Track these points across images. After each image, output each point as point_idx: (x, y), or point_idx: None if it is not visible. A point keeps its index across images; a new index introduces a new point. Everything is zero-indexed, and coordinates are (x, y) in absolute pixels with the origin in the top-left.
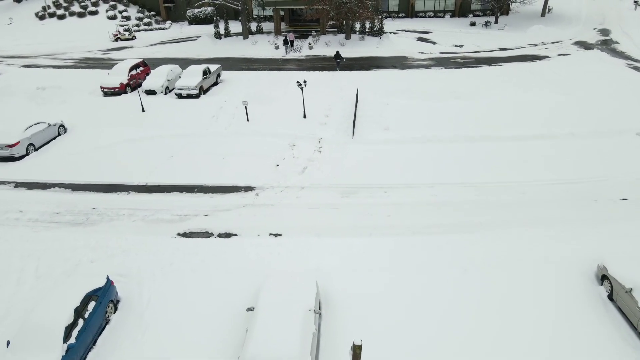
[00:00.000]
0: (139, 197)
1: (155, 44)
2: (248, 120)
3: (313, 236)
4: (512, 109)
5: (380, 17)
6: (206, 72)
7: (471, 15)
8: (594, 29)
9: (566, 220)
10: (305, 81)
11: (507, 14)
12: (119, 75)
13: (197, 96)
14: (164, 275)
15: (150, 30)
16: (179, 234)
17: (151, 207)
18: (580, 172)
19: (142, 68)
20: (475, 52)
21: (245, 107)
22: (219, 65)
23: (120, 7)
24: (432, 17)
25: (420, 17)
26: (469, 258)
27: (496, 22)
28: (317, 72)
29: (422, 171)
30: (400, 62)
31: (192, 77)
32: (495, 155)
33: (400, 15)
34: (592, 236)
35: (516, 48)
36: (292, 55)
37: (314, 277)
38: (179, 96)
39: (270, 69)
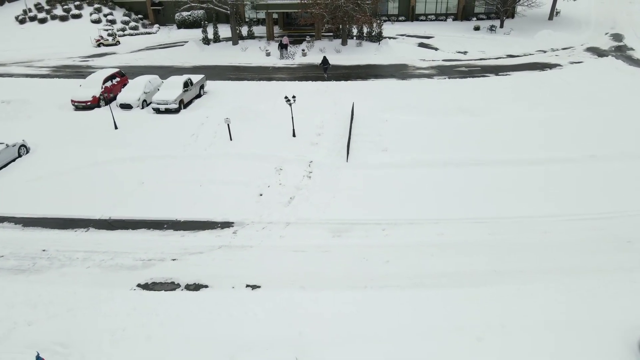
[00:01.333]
0: (99, 235)
1: (139, 50)
2: (231, 140)
3: (297, 289)
4: (525, 127)
5: (378, 21)
6: (187, 84)
7: (475, 18)
8: (606, 33)
9: (597, 268)
10: (294, 96)
11: (513, 17)
12: (91, 88)
13: (176, 111)
14: (113, 345)
15: (136, 34)
16: (139, 286)
17: (111, 248)
18: (607, 205)
19: (118, 79)
20: (481, 59)
21: (228, 125)
22: (203, 75)
23: (106, 10)
24: (434, 20)
25: (421, 20)
26: (483, 321)
27: (501, 26)
28: (309, 82)
29: (426, 203)
30: (400, 71)
31: (171, 89)
32: (510, 183)
33: (400, 18)
34: (631, 291)
35: (524, 55)
36: (283, 62)
37: (293, 356)
38: (157, 111)
39: (260, 79)
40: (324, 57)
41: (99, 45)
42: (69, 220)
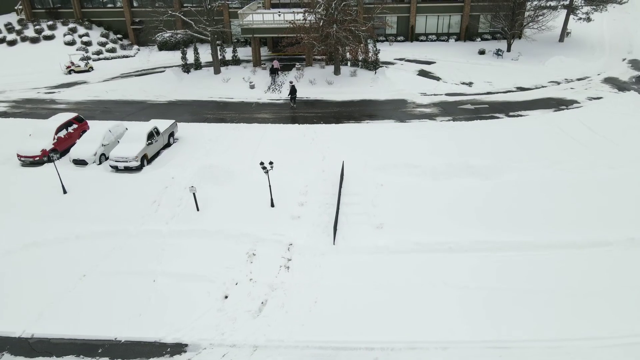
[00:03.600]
0: None
1: (113, 78)
2: (198, 210)
3: None
4: (546, 195)
5: (375, 49)
6: (152, 135)
7: (479, 39)
8: (623, 59)
9: None
10: (271, 162)
11: (520, 37)
12: (42, 139)
13: (138, 169)
14: None
15: (113, 58)
16: None
17: None
18: None
19: (75, 126)
20: (488, 93)
21: (194, 194)
22: (173, 121)
23: (81, 31)
24: (435, 40)
25: (422, 40)
26: None
27: (509, 49)
28: (295, 126)
29: (431, 314)
30: (398, 109)
31: (133, 142)
32: (533, 281)
33: (399, 38)
34: None
35: (536, 88)
36: (268, 97)
37: None
38: (115, 169)
39: (240, 120)
40: (292, 86)
41: (69, 72)
42: None
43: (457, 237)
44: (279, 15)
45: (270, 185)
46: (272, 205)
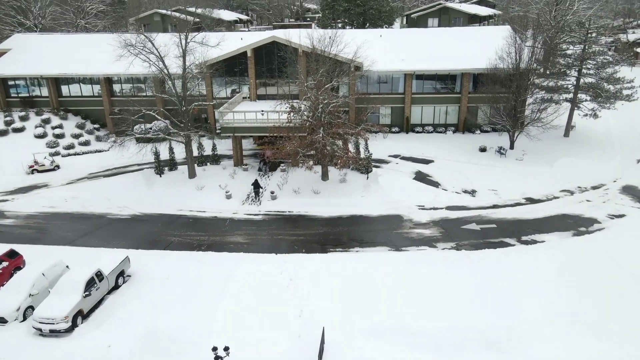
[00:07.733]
0: None
1: (79, 180)
2: None
3: None
4: None
5: (367, 151)
6: (93, 283)
7: (478, 130)
8: (638, 161)
9: None
10: (227, 348)
11: (522, 130)
12: None
13: (69, 330)
14: None
15: (84, 153)
16: None
17: None
18: None
19: (5, 264)
20: (495, 206)
21: None
22: (125, 257)
23: (55, 122)
24: (432, 132)
25: (418, 132)
26: None
27: (512, 147)
28: (271, 257)
29: None
30: (393, 230)
31: (65, 295)
32: None
33: (394, 129)
34: None
35: (547, 199)
36: (245, 211)
37: None
38: (40, 331)
39: (208, 246)
40: (255, 180)
41: (32, 172)
42: None
43: None
44: (262, 114)
45: None
46: None
